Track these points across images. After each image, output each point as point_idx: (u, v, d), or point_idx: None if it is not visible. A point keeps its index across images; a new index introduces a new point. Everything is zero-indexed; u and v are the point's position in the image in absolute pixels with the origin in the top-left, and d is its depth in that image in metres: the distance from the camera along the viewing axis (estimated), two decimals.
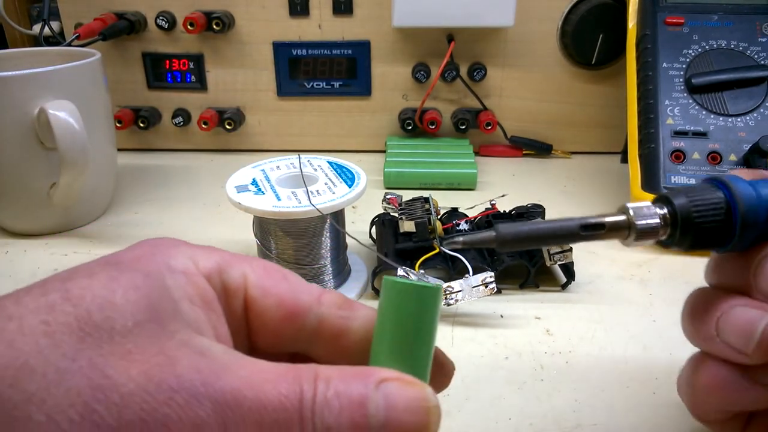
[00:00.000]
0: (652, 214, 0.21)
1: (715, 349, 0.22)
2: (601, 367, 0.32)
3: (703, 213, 0.20)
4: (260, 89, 0.61)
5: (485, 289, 0.34)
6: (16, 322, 0.16)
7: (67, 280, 0.18)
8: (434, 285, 0.20)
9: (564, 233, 0.21)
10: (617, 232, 0.21)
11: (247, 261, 0.22)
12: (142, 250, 0.20)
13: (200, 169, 0.61)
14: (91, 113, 0.44)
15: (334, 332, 0.21)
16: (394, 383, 0.18)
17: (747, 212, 0.20)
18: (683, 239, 0.21)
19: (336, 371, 0.18)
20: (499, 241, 0.20)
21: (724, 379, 0.22)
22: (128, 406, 0.16)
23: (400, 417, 0.18)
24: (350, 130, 0.63)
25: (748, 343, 0.20)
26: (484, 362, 0.32)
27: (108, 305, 0.17)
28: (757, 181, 0.21)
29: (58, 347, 0.16)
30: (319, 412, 0.17)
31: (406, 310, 0.20)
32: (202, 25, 0.57)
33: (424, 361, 0.20)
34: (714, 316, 0.21)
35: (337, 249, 0.37)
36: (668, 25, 0.47)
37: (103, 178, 0.49)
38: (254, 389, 0.17)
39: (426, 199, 0.41)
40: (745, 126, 0.43)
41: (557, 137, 0.62)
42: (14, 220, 0.47)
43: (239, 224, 0.46)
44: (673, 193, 0.21)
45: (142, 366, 0.16)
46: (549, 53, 0.59)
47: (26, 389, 0.15)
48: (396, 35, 0.58)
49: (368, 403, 0.18)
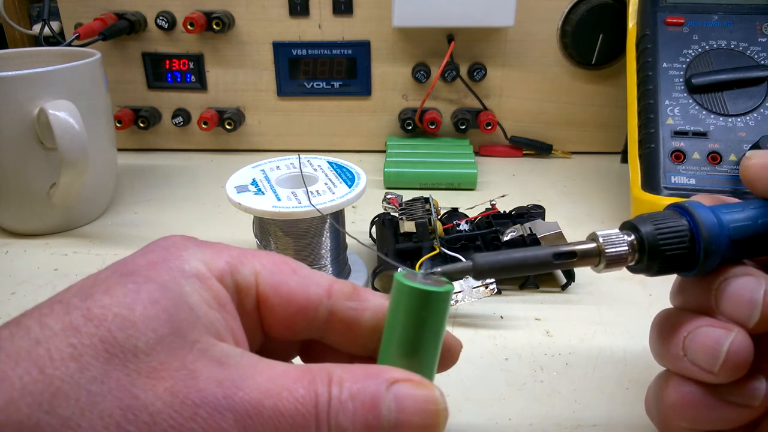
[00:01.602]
0: (621, 242, 0.21)
1: (682, 369, 0.22)
2: (601, 368, 0.32)
3: (668, 240, 0.21)
4: (260, 89, 0.61)
5: (485, 290, 0.34)
6: (44, 346, 0.17)
7: (87, 297, 0.18)
8: (444, 289, 0.20)
9: (538, 262, 0.21)
10: (588, 259, 0.22)
11: (257, 257, 0.22)
12: (155, 255, 0.21)
13: (200, 169, 0.61)
14: (91, 113, 0.44)
15: (346, 323, 0.22)
16: (405, 384, 0.19)
17: (709, 239, 0.21)
18: (651, 265, 0.21)
19: (348, 372, 0.19)
20: (476, 271, 0.21)
21: (692, 398, 0.22)
22: (157, 424, 0.16)
23: (410, 419, 0.19)
24: (350, 130, 0.63)
25: (714, 363, 0.21)
26: (484, 363, 0.32)
27: (129, 324, 0.17)
28: (718, 207, 0.22)
29: (87, 370, 0.16)
30: (335, 415, 0.18)
31: (416, 311, 0.20)
32: (202, 25, 0.57)
33: (432, 360, 0.21)
34: (681, 337, 0.22)
35: (337, 249, 0.37)
36: (668, 25, 0.47)
37: (103, 178, 0.49)
38: (272, 398, 0.18)
39: (426, 199, 0.41)
40: (745, 126, 0.43)
41: (557, 137, 0.62)
42: (14, 220, 0.47)
43: (239, 224, 0.46)
44: (639, 220, 0.22)
45: (167, 383, 0.17)
46: (549, 53, 0.59)
47: (62, 415, 0.16)
48: (396, 35, 0.58)
49: (380, 404, 0.18)
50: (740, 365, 0.20)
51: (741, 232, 0.21)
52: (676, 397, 0.22)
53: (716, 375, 0.21)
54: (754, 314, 0.20)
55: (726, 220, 0.21)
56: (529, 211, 0.41)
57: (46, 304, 0.18)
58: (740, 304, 0.21)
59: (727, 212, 0.21)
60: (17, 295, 0.39)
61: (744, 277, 0.21)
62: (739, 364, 0.20)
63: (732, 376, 0.21)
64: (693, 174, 0.43)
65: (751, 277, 0.21)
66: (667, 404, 0.23)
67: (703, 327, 0.21)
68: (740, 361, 0.20)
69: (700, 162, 0.43)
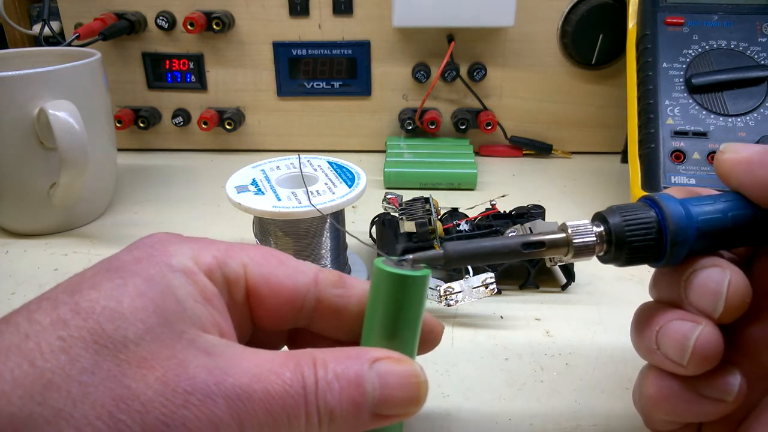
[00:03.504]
0: (589, 232, 0.22)
1: (657, 362, 0.22)
2: (601, 368, 0.32)
3: (635, 232, 0.22)
4: (260, 89, 0.61)
5: (485, 290, 0.34)
6: (33, 340, 0.17)
7: (74, 292, 0.18)
8: (419, 273, 0.21)
9: (507, 251, 0.22)
10: (557, 249, 0.22)
11: (244, 250, 0.23)
12: (141, 252, 0.21)
13: (200, 169, 0.61)
14: (91, 113, 0.44)
15: (332, 310, 0.23)
16: (386, 362, 0.20)
17: (676, 231, 0.21)
18: (618, 256, 0.22)
19: (331, 354, 0.20)
20: (446, 259, 0.22)
21: (669, 391, 0.22)
22: (150, 412, 0.17)
23: (394, 393, 0.20)
24: (350, 130, 0.63)
25: (683, 355, 0.21)
26: (484, 363, 0.32)
27: (117, 315, 0.18)
28: (689, 200, 0.22)
29: (77, 362, 0.17)
30: (322, 395, 0.19)
31: (394, 295, 0.21)
32: (202, 25, 0.57)
33: (412, 340, 0.22)
34: (654, 330, 0.22)
35: (337, 249, 0.37)
36: (668, 25, 0.47)
37: (103, 178, 0.49)
38: (261, 382, 0.18)
39: (426, 199, 0.41)
40: (745, 126, 0.43)
41: (557, 137, 0.62)
42: (14, 220, 0.47)
43: (239, 224, 0.46)
44: (609, 211, 0.22)
45: (157, 372, 0.17)
46: (549, 53, 0.59)
47: (54, 406, 0.16)
48: (396, 35, 0.58)
49: (364, 382, 0.19)
50: (708, 358, 0.21)
51: (709, 224, 0.21)
52: (654, 390, 0.23)
53: (686, 368, 0.21)
54: (718, 305, 0.21)
55: (695, 212, 0.21)
56: (529, 211, 0.41)
57: (33, 302, 0.18)
58: (706, 295, 0.21)
59: (697, 205, 0.22)
60: (17, 295, 0.39)
61: (711, 268, 0.21)
62: (707, 356, 0.21)
63: (701, 368, 0.21)
64: (693, 174, 0.43)
65: (717, 268, 0.21)
66: (647, 397, 0.23)
67: (673, 320, 0.22)
68: (708, 354, 0.21)
69: (700, 162, 0.43)
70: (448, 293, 0.34)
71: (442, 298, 0.34)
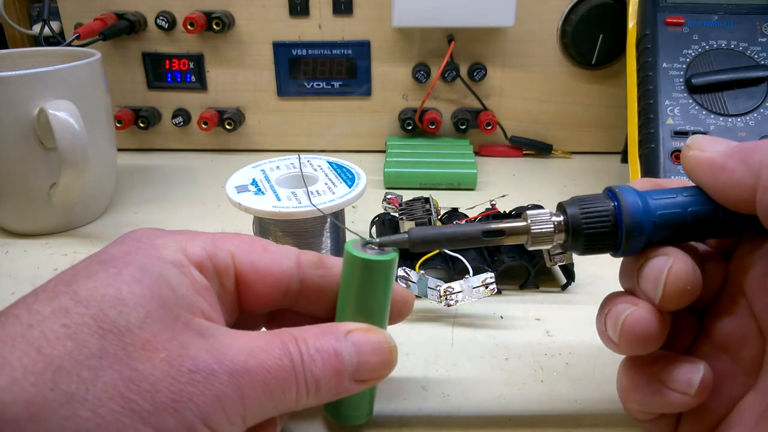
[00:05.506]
0: (547, 221, 0.23)
1: (604, 342, 0.24)
2: (601, 368, 0.32)
3: (591, 222, 0.22)
4: (260, 89, 0.61)
5: (485, 290, 0.34)
6: (37, 328, 0.17)
7: (71, 283, 0.19)
8: (385, 258, 0.23)
9: (467, 237, 0.23)
10: (517, 236, 0.24)
11: (228, 239, 0.24)
12: (128, 246, 0.22)
13: (200, 169, 0.61)
14: (91, 113, 0.44)
15: (315, 290, 0.25)
16: (359, 333, 0.22)
17: (631, 224, 0.22)
18: (575, 244, 0.23)
19: (308, 332, 0.22)
20: (410, 243, 0.23)
21: (638, 382, 0.23)
22: (159, 391, 0.18)
23: (369, 359, 0.22)
24: (350, 130, 0.63)
25: (614, 333, 0.22)
26: (484, 363, 0.32)
27: (118, 301, 0.18)
28: (650, 192, 0.23)
29: (84, 347, 0.17)
30: (308, 367, 0.21)
31: (361, 277, 0.23)
32: (202, 25, 0.57)
33: (381, 314, 0.24)
34: (604, 313, 0.23)
35: (337, 249, 0.37)
36: (668, 25, 0.47)
37: (103, 178, 0.49)
38: (255, 358, 0.20)
39: (426, 199, 0.41)
40: (745, 126, 0.43)
41: (557, 137, 0.62)
42: (14, 220, 0.47)
43: (239, 224, 0.46)
44: (570, 202, 0.23)
45: (161, 353, 0.18)
46: (549, 53, 0.59)
47: (66, 390, 0.17)
48: (396, 35, 0.58)
49: (342, 351, 0.21)
50: (638, 337, 0.21)
51: (667, 219, 0.22)
52: (625, 381, 0.24)
53: (618, 345, 0.22)
54: (658, 290, 0.21)
55: (653, 205, 0.22)
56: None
57: (30, 295, 0.19)
58: (648, 281, 0.22)
59: (657, 198, 0.22)
60: (17, 295, 0.38)
61: (659, 256, 0.22)
62: (637, 336, 0.21)
63: (632, 347, 0.22)
64: None
65: (664, 257, 0.21)
66: (620, 387, 0.24)
67: (618, 303, 0.23)
68: (637, 334, 0.21)
69: None
70: (448, 293, 0.34)
71: (442, 298, 0.34)
